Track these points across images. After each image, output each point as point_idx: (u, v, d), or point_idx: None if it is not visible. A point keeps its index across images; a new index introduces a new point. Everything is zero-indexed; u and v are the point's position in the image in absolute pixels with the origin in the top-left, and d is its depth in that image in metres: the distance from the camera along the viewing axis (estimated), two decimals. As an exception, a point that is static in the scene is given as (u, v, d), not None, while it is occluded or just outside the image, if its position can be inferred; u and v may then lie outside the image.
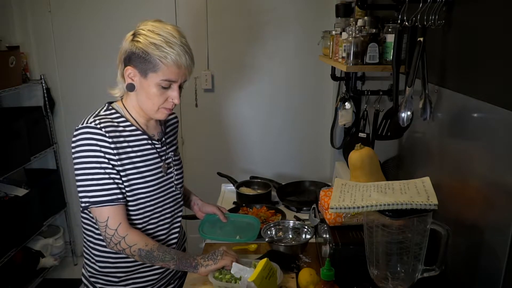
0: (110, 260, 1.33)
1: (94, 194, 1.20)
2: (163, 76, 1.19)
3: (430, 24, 1.20)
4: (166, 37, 1.18)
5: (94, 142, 1.19)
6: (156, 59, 1.17)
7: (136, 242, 1.23)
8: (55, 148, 3.01)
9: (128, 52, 1.21)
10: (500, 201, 0.95)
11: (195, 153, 3.04)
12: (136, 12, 2.77)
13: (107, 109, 1.29)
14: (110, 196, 1.22)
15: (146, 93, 1.23)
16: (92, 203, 1.21)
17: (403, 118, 1.27)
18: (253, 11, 2.78)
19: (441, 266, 1.08)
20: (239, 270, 1.26)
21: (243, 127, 2.99)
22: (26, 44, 2.85)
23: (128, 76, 1.24)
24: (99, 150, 1.20)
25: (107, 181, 1.21)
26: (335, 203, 1.09)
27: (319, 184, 2.20)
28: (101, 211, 1.22)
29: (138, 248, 1.23)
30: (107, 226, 1.22)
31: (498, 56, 0.99)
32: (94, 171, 1.20)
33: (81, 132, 1.20)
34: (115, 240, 1.23)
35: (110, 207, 1.22)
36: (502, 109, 0.94)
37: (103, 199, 1.21)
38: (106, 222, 1.22)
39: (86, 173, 1.20)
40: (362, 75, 2.19)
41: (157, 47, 1.17)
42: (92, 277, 1.37)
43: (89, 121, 1.22)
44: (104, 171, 1.21)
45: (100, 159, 1.20)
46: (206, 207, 1.65)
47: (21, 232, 2.57)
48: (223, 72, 2.89)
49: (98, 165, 1.20)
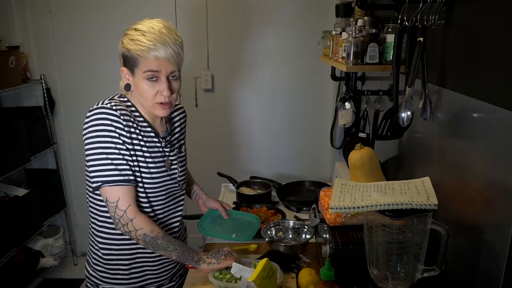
0: (113, 247, 1.34)
1: (108, 173, 1.20)
2: (144, 68, 1.20)
3: (430, 24, 1.20)
4: (144, 30, 1.19)
5: (109, 123, 1.19)
6: (134, 53, 1.19)
7: (143, 226, 1.24)
8: (55, 148, 3.01)
9: (119, 54, 1.26)
10: (500, 201, 0.95)
11: (195, 153, 3.03)
12: (136, 12, 2.77)
13: (120, 96, 1.30)
14: (123, 176, 1.22)
15: (139, 90, 1.25)
16: (104, 182, 1.21)
17: (403, 118, 1.27)
18: (253, 11, 2.78)
19: (441, 266, 1.08)
20: (239, 270, 1.26)
21: (243, 127, 2.99)
22: (26, 44, 2.85)
23: (124, 77, 1.27)
24: (115, 131, 1.20)
25: (120, 161, 1.22)
26: (335, 203, 1.09)
27: (319, 184, 2.20)
28: (112, 191, 1.22)
29: (143, 232, 1.24)
30: (117, 207, 1.22)
31: (498, 56, 0.99)
32: (109, 150, 1.20)
33: (96, 112, 1.20)
34: (123, 221, 1.23)
35: (122, 187, 1.22)
36: (502, 109, 0.94)
37: (116, 179, 1.21)
38: (117, 202, 1.22)
39: (100, 152, 1.20)
40: (362, 75, 2.19)
41: (134, 41, 1.19)
42: (95, 278, 1.37)
43: (104, 103, 1.22)
44: (119, 151, 1.21)
45: (115, 139, 1.20)
46: (210, 202, 1.64)
47: (21, 232, 2.57)
48: (223, 72, 2.89)
49: (113, 145, 1.20)
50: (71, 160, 3.08)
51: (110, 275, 1.36)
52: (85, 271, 1.44)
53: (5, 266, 2.42)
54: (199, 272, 1.34)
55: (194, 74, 2.86)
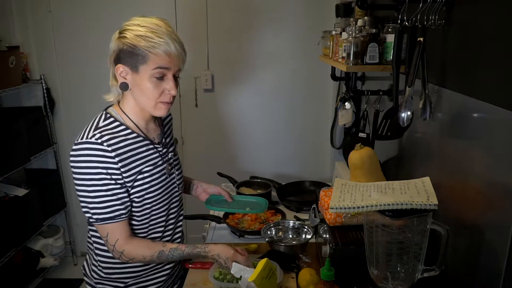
0: (116, 266, 1.33)
1: (95, 212, 1.20)
2: (154, 65, 1.16)
3: (430, 24, 1.20)
4: (151, 27, 1.16)
5: (95, 159, 1.15)
6: (144, 50, 1.15)
7: (134, 256, 1.25)
8: (55, 148, 3.01)
9: (116, 51, 1.19)
10: (500, 201, 0.95)
11: (195, 153, 3.04)
12: (136, 12, 2.71)
13: (105, 119, 1.24)
14: (111, 213, 1.20)
15: (141, 89, 1.19)
16: (94, 220, 1.21)
17: (403, 118, 1.27)
18: (253, 11, 2.78)
19: (441, 266, 1.08)
20: (239, 270, 1.26)
21: (243, 127, 2.99)
22: (26, 44, 2.85)
23: (120, 75, 1.20)
24: (101, 167, 1.16)
25: (108, 198, 1.19)
26: (335, 203, 1.09)
27: (319, 184, 2.20)
28: (102, 227, 1.22)
29: (138, 260, 1.26)
30: (107, 241, 1.24)
31: (498, 56, 0.99)
32: (95, 188, 1.17)
33: (81, 148, 1.16)
34: (116, 254, 1.25)
35: (110, 225, 1.21)
36: (502, 109, 0.94)
37: (104, 217, 1.20)
38: (106, 237, 1.23)
39: (86, 190, 1.18)
40: (362, 75, 2.19)
41: (143, 38, 1.15)
42: (98, 283, 1.36)
43: (89, 136, 1.17)
44: (106, 187, 1.18)
45: (101, 175, 1.17)
46: (212, 188, 1.62)
47: (21, 232, 2.57)
48: (223, 72, 2.89)
49: (99, 182, 1.17)
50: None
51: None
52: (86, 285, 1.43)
53: (5, 266, 2.42)
54: (199, 272, 1.34)
55: (194, 74, 2.86)
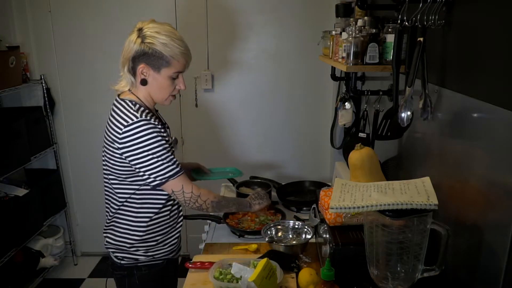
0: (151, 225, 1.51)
1: (169, 169, 1.41)
2: (175, 69, 1.42)
3: (430, 24, 1.20)
4: (171, 36, 1.39)
5: (153, 130, 1.39)
6: (169, 56, 1.39)
7: (208, 196, 1.51)
8: (55, 148, 3.00)
9: (138, 52, 1.39)
10: (500, 201, 0.95)
11: (195, 153, 3.04)
12: (136, 12, 2.77)
13: (133, 105, 1.43)
14: (178, 166, 1.44)
15: (159, 85, 1.44)
16: (169, 177, 1.41)
17: (403, 118, 1.27)
18: (253, 11, 2.78)
19: (441, 266, 1.08)
20: (239, 270, 1.26)
21: (243, 127, 2.99)
22: (26, 44, 2.85)
23: (141, 72, 1.42)
24: (159, 135, 1.40)
25: (172, 156, 1.44)
26: (335, 203, 1.10)
27: (319, 184, 2.20)
28: (175, 182, 1.43)
29: (211, 200, 1.51)
30: (183, 192, 1.45)
31: (498, 56, 0.99)
32: (163, 152, 1.40)
33: (140, 124, 1.37)
34: (194, 199, 1.47)
35: (181, 176, 1.44)
36: (502, 109, 0.94)
37: (176, 170, 1.43)
38: (182, 189, 1.44)
39: (156, 156, 1.39)
40: (362, 75, 2.19)
41: (168, 46, 1.39)
42: (132, 247, 1.50)
43: (137, 116, 1.38)
44: (167, 149, 1.43)
45: (162, 141, 1.40)
46: (188, 165, 1.87)
47: (21, 232, 2.57)
48: (223, 72, 2.89)
49: (163, 146, 1.40)
50: (71, 160, 3.08)
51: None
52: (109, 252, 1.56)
53: (5, 266, 2.42)
54: (199, 272, 1.35)
55: (194, 74, 2.86)
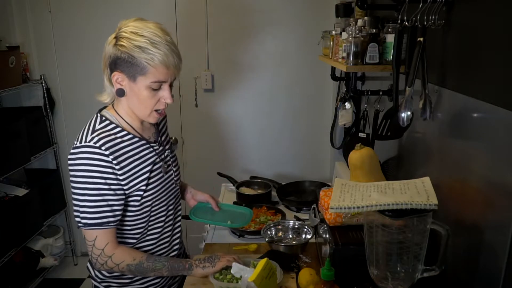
0: None
1: (85, 216, 1.19)
2: (153, 78, 1.17)
3: (430, 24, 1.20)
4: (150, 37, 1.14)
5: (92, 163, 1.17)
6: (143, 62, 1.14)
7: (124, 258, 1.24)
8: (55, 148, 3.01)
9: (112, 56, 1.18)
10: (500, 201, 0.95)
11: (195, 153, 3.04)
12: (136, 12, 2.75)
13: (101, 121, 1.25)
14: (101, 219, 1.20)
15: (137, 97, 1.21)
16: (82, 224, 1.21)
17: (403, 118, 1.27)
18: (253, 11, 2.78)
19: (441, 266, 1.08)
20: (239, 270, 1.26)
21: (243, 127, 2.99)
22: (26, 44, 2.85)
23: (116, 81, 1.21)
24: (98, 171, 1.18)
25: (100, 203, 1.19)
26: (335, 203, 1.09)
27: (319, 184, 2.20)
28: (90, 232, 1.21)
29: (126, 264, 1.24)
30: (94, 246, 1.22)
31: (498, 56, 0.99)
32: (89, 192, 1.18)
33: (80, 152, 1.17)
34: (101, 260, 1.23)
35: (98, 230, 1.21)
36: (502, 109, 0.94)
37: (93, 222, 1.20)
38: (94, 241, 1.21)
39: (81, 194, 1.19)
40: (362, 75, 2.19)
41: (143, 49, 1.13)
42: (102, 282, 1.37)
43: (87, 140, 1.18)
44: (99, 192, 1.19)
45: (97, 179, 1.18)
46: (199, 195, 1.62)
47: (21, 232, 2.57)
48: (223, 72, 2.89)
49: (94, 186, 1.18)
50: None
51: None
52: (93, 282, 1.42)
53: (5, 266, 2.42)
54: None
55: (194, 74, 2.86)
